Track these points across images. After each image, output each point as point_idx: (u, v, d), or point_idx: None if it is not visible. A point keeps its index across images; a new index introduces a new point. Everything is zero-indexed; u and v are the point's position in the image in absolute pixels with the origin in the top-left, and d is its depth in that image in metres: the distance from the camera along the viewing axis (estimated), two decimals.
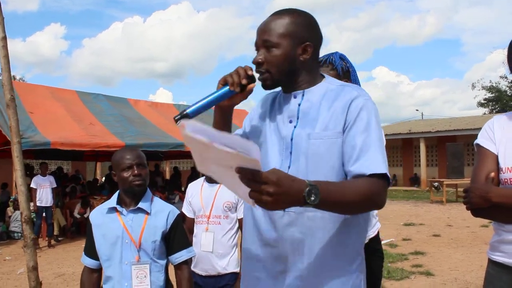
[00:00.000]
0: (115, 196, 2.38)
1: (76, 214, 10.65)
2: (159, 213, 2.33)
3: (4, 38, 3.13)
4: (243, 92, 1.51)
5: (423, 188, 22.78)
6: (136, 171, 2.28)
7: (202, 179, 3.24)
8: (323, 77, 1.62)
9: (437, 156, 25.35)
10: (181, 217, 2.45)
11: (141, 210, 2.32)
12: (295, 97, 1.57)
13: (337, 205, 1.34)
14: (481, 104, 38.11)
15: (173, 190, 13.30)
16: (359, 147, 1.42)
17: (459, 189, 17.66)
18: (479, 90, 37.14)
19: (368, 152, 1.41)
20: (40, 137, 8.83)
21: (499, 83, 36.19)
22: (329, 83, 1.58)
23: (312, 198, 1.23)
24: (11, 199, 11.86)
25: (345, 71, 2.30)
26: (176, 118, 1.46)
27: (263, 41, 1.53)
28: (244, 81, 1.48)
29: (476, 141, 1.79)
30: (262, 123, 1.64)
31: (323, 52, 2.16)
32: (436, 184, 18.55)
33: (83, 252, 2.40)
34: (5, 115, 8.93)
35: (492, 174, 1.67)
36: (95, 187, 13.18)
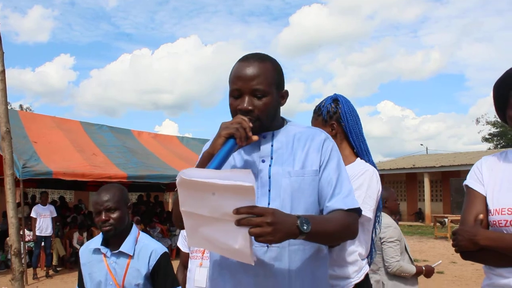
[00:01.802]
0: (100, 236, 2.35)
1: (75, 244, 10.57)
2: (142, 254, 2.28)
3: (3, 72, 3.18)
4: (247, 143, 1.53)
5: (427, 224, 22.51)
6: (103, 217, 2.24)
7: None
8: (284, 120, 1.72)
9: (442, 191, 25.15)
10: (167, 255, 2.38)
11: (123, 254, 2.27)
12: (264, 137, 1.63)
13: (324, 235, 1.47)
14: (485, 139, 38.10)
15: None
16: (333, 185, 1.58)
17: None
18: (483, 125, 37.28)
19: (342, 189, 1.58)
20: (43, 166, 8.87)
21: None
22: (294, 125, 1.70)
23: (305, 227, 1.35)
24: None
25: (331, 114, 2.26)
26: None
27: (252, 90, 1.55)
28: (250, 134, 1.51)
29: (465, 182, 1.78)
30: (231, 163, 1.64)
31: (329, 86, 2.20)
32: (442, 220, 18.33)
33: (77, 284, 2.39)
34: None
35: (481, 216, 1.65)
36: None
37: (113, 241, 2.31)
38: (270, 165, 1.58)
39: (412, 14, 63.27)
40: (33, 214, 9.07)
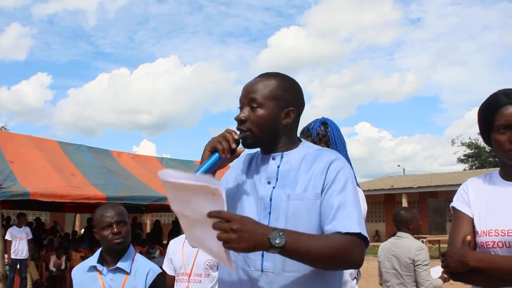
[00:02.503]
0: (96, 254, 2.35)
1: (51, 267, 10.31)
2: (139, 272, 2.29)
3: None
4: (232, 155, 1.54)
5: None
6: (115, 229, 2.25)
7: (183, 236, 3.21)
8: (301, 141, 1.68)
9: (419, 211, 25.40)
10: (163, 275, 2.40)
11: (120, 270, 2.28)
12: (273, 158, 1.61)
13: (305, 255, 1.37)
14: (461, 160, 38.81)
15: (153, 244, 13.01)
16: (335, 208, 1.47)
17: (442, 245, 17.63)
18: (458, 146, 37.95)
19: (344, 212, 1.46)
20: (19, 187, 8.66)
21: (478, 140, 37.07)
22: (307, 147, 1.65)
23: (277, 241, 1.30)
24: None
25: (321, 137, 2.32)
26: None
27: (249, 100, 1.58)
28: (234, 146, 1.52)
29: (452, 204, 1.82)
30: (238, 182, 1.66)
31: (308, 108, 2.24)
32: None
33: None
34: None
35: (468, 237, 1.68)
36: (74, 239, 12.85)
37: (111, 259, 2.29)
38: (273, 187, 1.57)
39: (388, 37, 64.78)
40: (7, 237, 8.84)
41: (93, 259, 2.34)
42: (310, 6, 70.62)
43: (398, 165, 68.16)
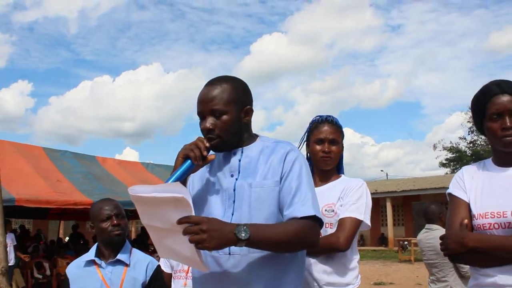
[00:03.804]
0: (93, 249, 2.35)
1: (36, 275, 10.17)
2: (139, 264, 2.31)
3: None
4: (203, 162, 1.67)
5: (390, 248, 22.87)
6: (115, 221, 2.28)
7: None
8: (257, 136, 1.84)
9: (403, 215, 25.69)
10: (161, 269, 2.43)
11: (120, 262, 2.29)
12: (234, 154, 1.76)
13: (268, 243, 1.55)
14: (442, 164, 39.29)
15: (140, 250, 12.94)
16: (292, 194, 1.64)
17: None
18: (440, 150, 38.41)
19: (300, 198, 1.63)
20: (5, 193, 8.54)
21: (459, 144, 37.65)
22: (264, 141, 1.80)
23: (243, 234, 1.45)
24: None
25: (341, 129, 2.38)
26: None
27: (211, 110, 1.70)
28: (205, 153, 1.65)
29: (448, 191, 1.90)
30: (204, 180, 1.79)
31: (290, 114, 2.35)
32: (405, 243, 18.68)
33: None
34: None
35: (466, 221, 1.76)
36: (60, 246, 12.70)
37: (109, 252, 2.30)
38: (236, 179, 1.71)
39: (369, 44, 65.44)
40: None
41: (89, 255, 2.34)
42: (292, 13, 71.28)
43: (381, 170, 68.79)
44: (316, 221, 1.63)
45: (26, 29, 64.41)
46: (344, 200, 2.15)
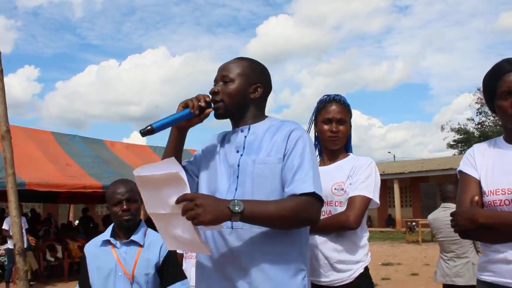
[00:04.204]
0: (109, 229, 2.39)
1: (49, 257, 10.33)
2: (152, 245, 2.34)
3: (1, 71, 3.17)
4: (200, 115, 1.74)
5: (398, 229, 22.94)
6: (125, 206, 2.30)
7: None
8: (267, 116, 1.89)
9: (411, 196, 25.70)
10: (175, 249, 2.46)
11: (134, 243, 2.33)
12: (242, 131, 1.82)
13: (263, 218, 1.57)
14: (450, 146, 39.13)
15: None
16: (294, 171, 1.66)
17: None
18: (448, 132, 38.20)
19: (301, 175, 1.65)
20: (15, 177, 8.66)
21: (467, 125, 37.40)
22: (272, 120, 1.85)
23: (237, 208, 1.50)
24: None
25: (350, 109, 2.37)
26: (142, 130, 1.66)
27: (222, 76, 1.81)
28: (203, 104, 1.72)
29: (459, 168, 1.90)
30: (212, 155, 1.86)
31: (297, 97, 2.35)
32: (413, 223, 18.72)
33: (78, 285, 2.38)
34: None
35: (476, 198, 1.76)
36: (71, 229, 12.87)
37: (123, 233, 2.34)
38: (241, 155, 1.76)
39: (376, 25, 64.79)
40: (5, 226, 8.83)
41: (105, 234, 2.38)
42: None
43: (389, 152, 68.67)
44: (316, 198, 1.65)
45: (31, 14, 64.43)
46: (353, 179, 2.16)
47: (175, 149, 1.81)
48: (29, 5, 65.48)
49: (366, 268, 2.17)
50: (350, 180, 2.17)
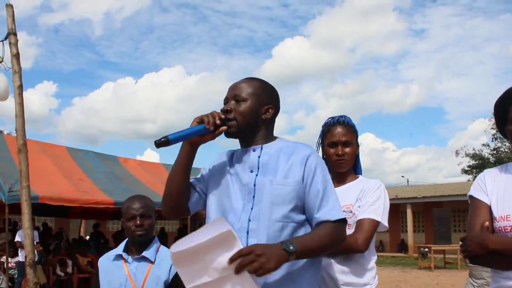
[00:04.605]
0: (123, 244, 2.42)
1: (59, 272, 10.35)
2: (163, 262, 2.35)
3: (20, 86, 3.27)
4: (215, 132, 1.74)
5: (410, 254, 22.59)
6: (138, 222, 2.33)
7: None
8: (277, 137, 1.90)
9: (424, 222, 25.35)
10: None
11: (145, 259, 2.34)
12: (254, 150, 1.82)
13: (313, 250, 1.65)
14: (465, 171, 38.63)
15: None
16: (320, 198, 1.72)
17: (447, 256, 17.57)
18: (462, 157, 37.79)
19: (327, 202, 1.73)
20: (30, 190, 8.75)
21: (482, 151, 36.98)
22: (283, 141, 1.88)
23: (291, 247, 1.55)
24: None
25: (356, 131, 2.37)
26: (157, 141, 1.65)
27: (234, 95, 1.82)
28: (218, 122, 1.72)
29: (469, 193, 1.89)
30: (222, 174, 1.85)
31: (312, 118, 2.36)
32: (425, 249, 18.40)
33: None
34: None
35: (487, 223, 1.75)
36: (82, 244, 12.91)
37: (135, 248, 2.36)
38: (256, 175, 1.77)
39: (392, 48, 64.75)
40: (18, 238, 8.91)
41: (119, 249, 2.41)
42: (314, 16, 70.81)
43: (402, 176, 67.95)
44: (343, 222, 1.75)
45: (52, 31, 65.73)
46: (362, 201, 2.16)
47: (185, 164, 1.80)
48: (50, 22, 66.89)
49: None
50: (359, 202, 2.17)
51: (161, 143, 1.65)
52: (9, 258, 9.33)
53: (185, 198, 1.84)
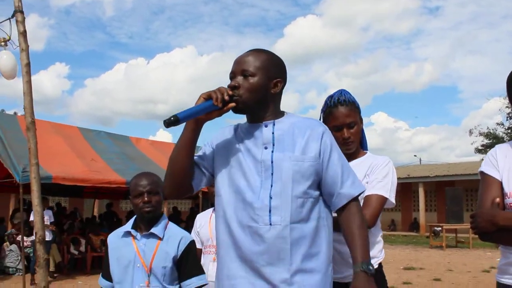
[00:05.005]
0: (131, 221, 2.43)
1: (72, 250, 10.53)
2: (171, 239, 2.37)
3: (28, 64, 3.27)
4: (223, 109, 1.69)
5: (422, 233, 22.59)
6: (146, 198, 2.33)
7: (211, 209, 3.27)
8: (284, 111, 1.86)
9: (436, 201, 25.28)
10: (194, 243, 2.48)
11: (153, 235, 2.36)
12: (266, 126, 1.78)
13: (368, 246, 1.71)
14: (478, 150, 38.17)
15: None
16: (340, 174, 1.74)
17: (459, 235, 17.54)
18: (476, 136, 37.34)
19: (349, 177, 1.76)
20: (42, 171, 8.80)
21: (496, 130, 36.51)
22: (293, 116, 1.84)
23: (370, 267, 1.64)
24: (6, 233, 11.73)
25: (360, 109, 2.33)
26: (166, 121, 1.61)
27: (241, 70, 1.75)
28: (226, 98, 1.67)
29: (480, 169, 1.87)
30: (231, 150, 1.80)
31: (324, 98, 2.31)
32: (438, 229, 18.36)
33: (101, 274, 2.44)
34: (8, 149, 9.00)
35: (497, 199, 1.73)
36: (95, 224, 13.10)
37: (144, 225, 2.37)
38: (272, 151, 1.73)
39: (405, 26, 63.89)
40: (32, 218, 9.04)
41: (127, 226, 2.43)
42: None
43: (415, 155, 67.66)
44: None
45: (63, 13, 65.82)
46: (371, 177, 2.15)
47: (190, 143, 1.74)
48: (62, 3, 66.97)
49: (380, 265, 2.16)
50: (367, 178, 2.15)
51: (170, 122, 1.60)
52: (25, 237, 9.50)
53: (190, 177, 1.79)
